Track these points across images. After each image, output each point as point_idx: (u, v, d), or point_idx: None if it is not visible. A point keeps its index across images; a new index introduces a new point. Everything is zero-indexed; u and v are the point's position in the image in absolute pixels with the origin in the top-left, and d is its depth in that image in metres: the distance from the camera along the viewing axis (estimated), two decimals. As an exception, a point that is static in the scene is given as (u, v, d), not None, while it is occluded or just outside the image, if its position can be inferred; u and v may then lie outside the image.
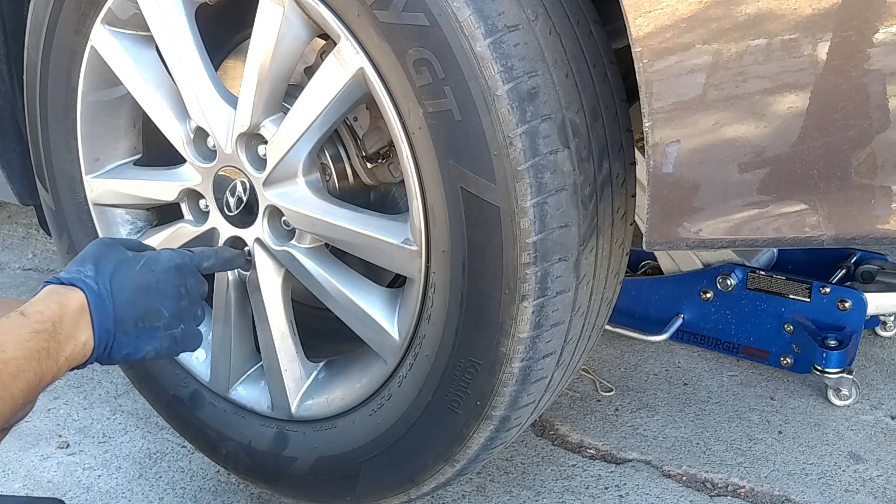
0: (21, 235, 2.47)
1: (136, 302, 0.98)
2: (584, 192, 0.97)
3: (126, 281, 0.98)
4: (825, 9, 0.78)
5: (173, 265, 1.03)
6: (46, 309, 0.92)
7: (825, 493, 1.36)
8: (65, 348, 0.92)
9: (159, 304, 1.00)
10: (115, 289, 0.97)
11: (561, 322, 1.01)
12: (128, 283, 0.98)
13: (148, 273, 1.00)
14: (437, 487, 1.16)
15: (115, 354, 0.97)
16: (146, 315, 0.99)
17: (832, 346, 1.50)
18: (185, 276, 1.04)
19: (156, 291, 1.00)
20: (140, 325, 0.98)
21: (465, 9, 0.88)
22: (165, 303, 1.01)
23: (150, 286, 1.00)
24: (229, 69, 1.34)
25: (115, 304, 0.96)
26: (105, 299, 0.95)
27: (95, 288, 0.95)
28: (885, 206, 0.83)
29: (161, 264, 1.02)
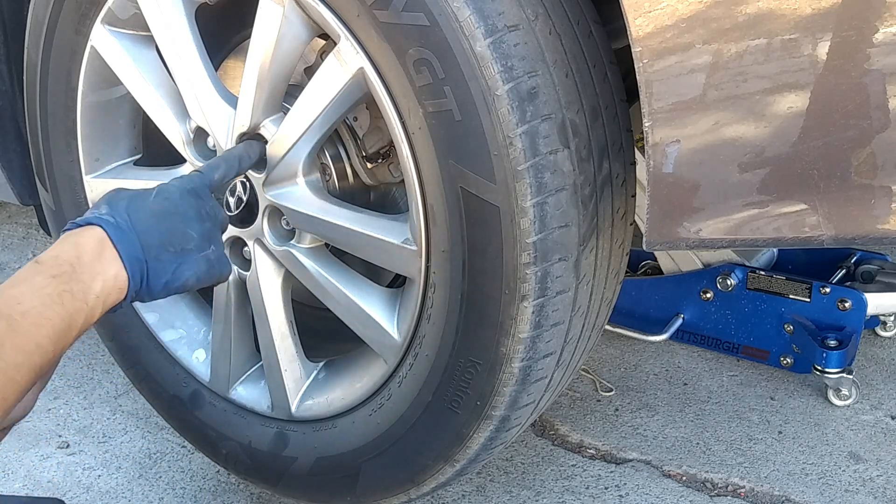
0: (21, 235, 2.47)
1: (158, 227, 0.93)
2: (584, 192, 0.97)
3: (143, 211, 0.94)
4: (825, 9, 0.78)
5: (186, 189, 0.98)
6: (61, 252, 0.88)
7: (825, 493, 1.36)
8: (92, 286, 0.87)
9: (185, 227, 0.96)
10: (133, 219, 0.92)
11: (561, 322, 1.01)
12: (145, 212, 0.94)
13: (163, 200, 0.96)
14: (437, 487, 1.16)
15: (154, 284, 0.93)
16: (174, 238, 0.95)
17: (832, 346, 1.50)
18: (201, 198, 0.99)
19: (177, 215, 0.96)
20: (171, 249, 0.94)
21: (464, 9, 0.88)
22: (190, 224, 0.96)
23: (168, 211, 0.95)
24: (229, 69, 1.34)
25: (137, 231, 0.92)
26: (125, 229, 0.91)
27: (112, 220, 0.91)
28: (885, 206, 0.83)
29: (174, 191, 0.98)
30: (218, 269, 1.00)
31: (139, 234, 0.92)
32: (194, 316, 1.41)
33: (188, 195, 0.98)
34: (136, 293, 0.92)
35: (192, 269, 0.96)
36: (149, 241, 0.92)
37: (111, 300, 0.89)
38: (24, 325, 0.81)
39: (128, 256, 0.90)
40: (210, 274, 0.99)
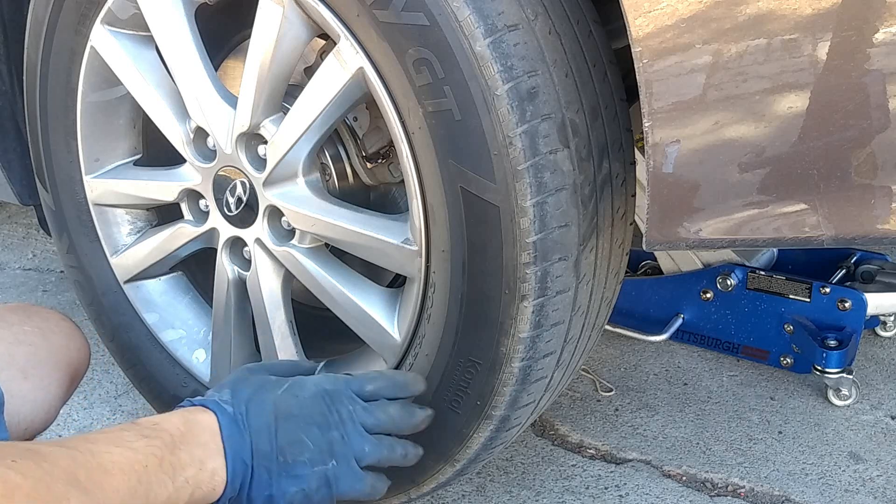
0: (21, 235, 2.47)
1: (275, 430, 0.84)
2: (584, 191, 0.97)
3: (265, 405, 0.85)
4: (825, 9, 0.78)
5: (322, 389, 0.89)
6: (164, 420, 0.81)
7: (825, 493, 1.36)
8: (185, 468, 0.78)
9: (303, 434, 0.86)
10: (251, 413, 0.84)
11: (561, 322, 1.01)
12: (267, 408, 0.85)
13: (291, 398, 0.87)
14: (436, 487, 1.16)
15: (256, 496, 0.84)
16: (288, 447, 0.85)
17: (832, 346, 1.50)
18: (337, 401, 0.89)
19: (299, 419, 0.86)
20: (281, 458, 0.84)
21: (464, 8, 0.88)
22: (310, 432, 0.86)
23: (292, 413, 0.86)
24: (229, 69, 1.34)
25: (251, 430, 0.83)
26: (240, 424, 0.83)
27: (230, 411, 0.83)
28: (885, 206, 0.83)
29: (307, 389, 0.89)
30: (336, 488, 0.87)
31: (253, 434, 0.83)
32: (194, 316, 1.41)
33: (322, 397, 0.88)
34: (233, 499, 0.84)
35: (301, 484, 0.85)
36: (261, 445, 0.84)
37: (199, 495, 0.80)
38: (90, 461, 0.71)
39: (233, 456, 0.82)
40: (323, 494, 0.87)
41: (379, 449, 0.91)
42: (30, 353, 0.96)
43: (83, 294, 1.45)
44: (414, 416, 0.97)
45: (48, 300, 2.08)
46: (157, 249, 1.32)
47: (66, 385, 0.99)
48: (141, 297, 1.40)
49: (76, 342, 1.03)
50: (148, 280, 1.39)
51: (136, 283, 1.39)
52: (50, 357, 0.98)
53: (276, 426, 0.85)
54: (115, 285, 1.40)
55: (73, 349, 1.02)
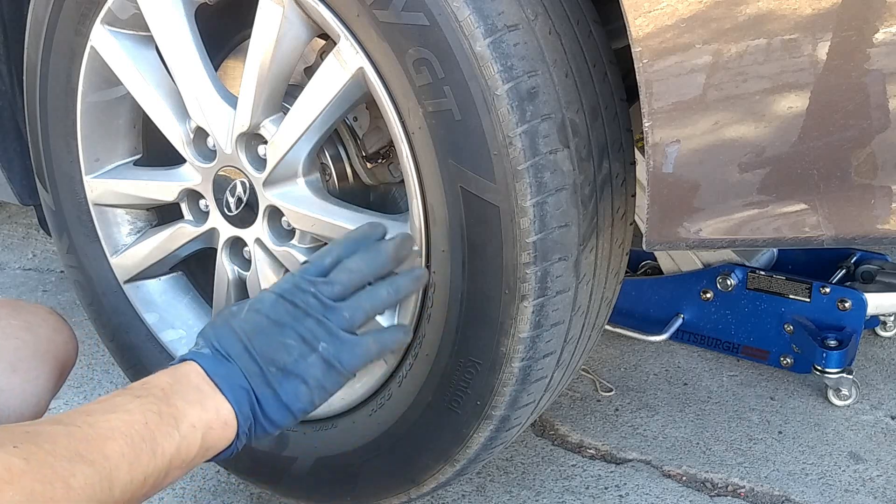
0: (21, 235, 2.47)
1: (254, 347, 0.85)
2: (584, 191, 0.97)
3: (235, 332, 0.86)
4: (825, 9, 0.78)
5: (279, 292, 0.89)
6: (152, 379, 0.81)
7: (825, 493, 1.36)
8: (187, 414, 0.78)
9: (280, 338, 0.86)
10: (225, 344, 0.85)
11: (561, 322, 1.01)
12: (237, 334, 0.86)
13: (254, 315, 0.87)
14: (437, 487, 1.16)
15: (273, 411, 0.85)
16: (274, 356, 0.85)
17: (832, 346, 1.50)
18: (297, 294, 0.89)
19: (270, 328, 0.86)
20: (273, 369, 0.85)
21: (464, 8, 0.88)
22: (285, 333, 0.86)
23: (261, 326, 0.86)
24: (229, 69, 1.34)
25: (233, 358, 0.84)
26: (221, 358, 0.84)
27: (207, 352, 0.84)
28: (885, 206, 0.83)
29: (266, 299, 0.89)
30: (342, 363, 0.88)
31: (237, 360, 0.84)
32: (194, 316, 1.41)
33: (281, 298, 0.88)
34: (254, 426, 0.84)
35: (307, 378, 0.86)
36: (249, 366, 0.84)
37: (214, 436, 0.81)
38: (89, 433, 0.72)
39: (228, 386, 0.82)
40: (335, 373, 0.88)
41: (358, 305, 0.90)
42: (17, 347, 0.96)
43: (83, 294, 1.45)
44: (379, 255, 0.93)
45: (48, 300, 2.08)
46: (157, 249, 1.32)
47: (55, 379, 0.99)
48: (141, 297, 1.40)
49: (63, 336, 1.04)
50: (148, 280, 1.39)
51: (136, 283, 1.39)
52: (38, 351, 0.98)
53: (253, 343, 0.85)
54: (115, 285, 1.40)
55: (60, 343, 1.02)
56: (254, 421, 0.85)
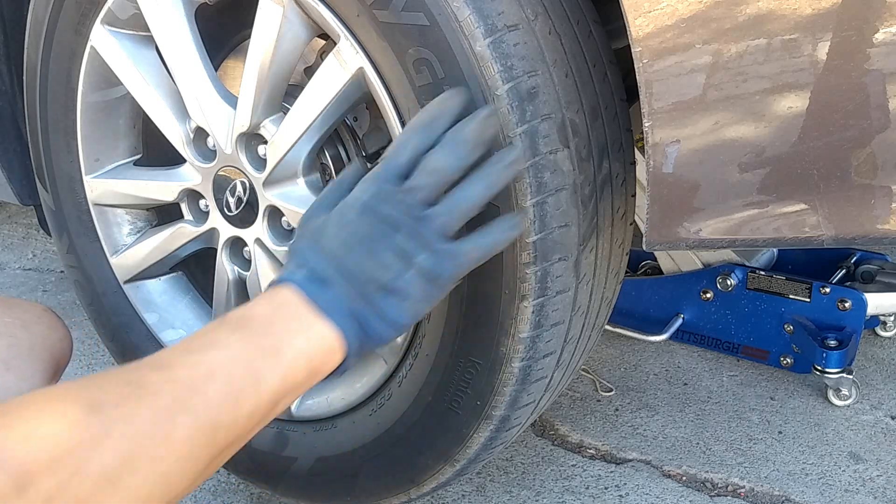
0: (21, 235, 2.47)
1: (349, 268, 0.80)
2: (584, 191, 0.97)
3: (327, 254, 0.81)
4: (825, 9, 0.78)
5: (362, 203, 0.82)
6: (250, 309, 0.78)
7: (825, 493, 1.36)
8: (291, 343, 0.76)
9: (373, 257, 0.80)
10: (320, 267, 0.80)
11: (561, 322, 1.01)
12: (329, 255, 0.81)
13: (341, 233, 0.82)
14: (436, 487, 1.16)
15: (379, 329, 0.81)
16: (371, 274, 0.81)
17: (832, 346, 1.51)
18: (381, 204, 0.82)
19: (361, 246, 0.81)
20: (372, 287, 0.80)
21: (464, 8, 0.88)
22: (378, 250, 0.81)
23: (352, 246, 0.81)
24: (229, 69, 1.34)
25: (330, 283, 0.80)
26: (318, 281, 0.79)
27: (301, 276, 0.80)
28: (885, 206, 0.83)
29: (349, 212, 0.83)
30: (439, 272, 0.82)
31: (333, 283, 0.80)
32: (194, 316, 1.41)
33: (366, 211, 0.82)
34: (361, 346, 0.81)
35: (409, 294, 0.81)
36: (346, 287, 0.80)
37: (320, 361, 0.78)
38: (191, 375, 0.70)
39: (330, 311, 0.79)
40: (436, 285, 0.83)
41: (450, 210, 0.83)
42: (11, 344, 0.95)
43: (83, 294, 1.45)
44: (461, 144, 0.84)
45: (48, 300, 2.08)
46: (157, 249, 1.32)
47: (49, 376, 0.99)
48: (141, 297, 1.40)
49: (58, 333, 1.03)
50: (148, 280, 1.39)
51: (137, 283, 1.39)
52: (32, 348, 0.97)
53: (348, 263, 0.80)
54: (115, 285, 1.40)
55: (55, 340, 1.01)
56: (360, 342, 0.81)
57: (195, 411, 0.69)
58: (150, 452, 0.65)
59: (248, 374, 0.73)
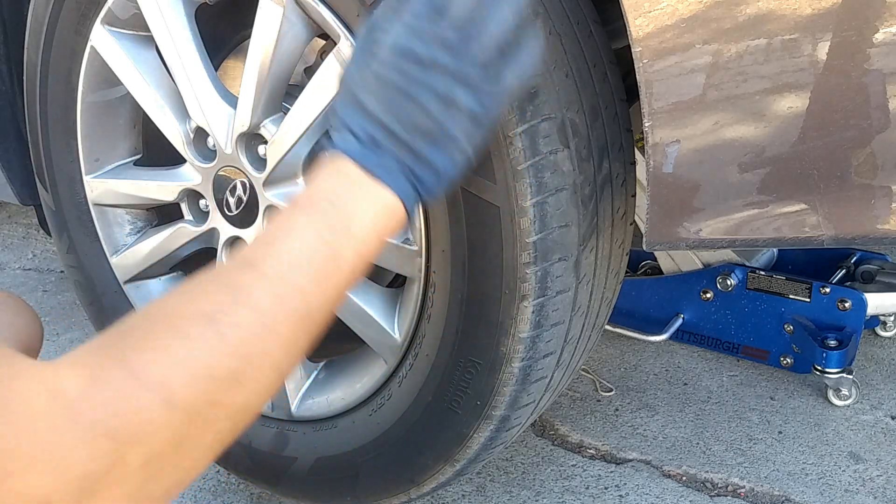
0: (21, 235, 2.47)
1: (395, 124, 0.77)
2: (584, 191, 0.97)
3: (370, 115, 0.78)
4: (825, 9, 0.78)
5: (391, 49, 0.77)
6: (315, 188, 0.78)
7: (825, 493, 1.36)
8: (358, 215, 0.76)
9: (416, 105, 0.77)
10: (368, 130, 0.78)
11: (561, 322, 1.01)
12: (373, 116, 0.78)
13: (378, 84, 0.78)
14: (436, 487, 1.16)
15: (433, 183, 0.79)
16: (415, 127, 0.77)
17: (832, 346, 1.51)
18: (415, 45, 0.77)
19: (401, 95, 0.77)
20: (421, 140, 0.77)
21: (465, 9, 0.88)
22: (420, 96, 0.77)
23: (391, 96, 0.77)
24: (229, 69, 1.34)
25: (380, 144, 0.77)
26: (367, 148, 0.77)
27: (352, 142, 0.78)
28: (885, 206, 0.83)
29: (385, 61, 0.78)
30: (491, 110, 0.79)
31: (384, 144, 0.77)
32: (194, 316, 1.40)
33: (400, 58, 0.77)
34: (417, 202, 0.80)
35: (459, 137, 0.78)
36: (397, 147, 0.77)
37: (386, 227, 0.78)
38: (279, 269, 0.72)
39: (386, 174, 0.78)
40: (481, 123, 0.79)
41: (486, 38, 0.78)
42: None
43: (83, 294, 1.45)
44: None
45: (48, 300, 2.08)
46: (158, 249, 1.32)
47: None
48: (141, 296, 1.40)
49: (25, 318, 1.02)
50: (148, 280, 1.39)
51: (137, 283, 1.39)
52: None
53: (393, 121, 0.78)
54: (115, 285, 1.40)
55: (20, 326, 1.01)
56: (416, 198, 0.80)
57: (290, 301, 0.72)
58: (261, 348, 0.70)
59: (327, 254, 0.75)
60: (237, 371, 0.68)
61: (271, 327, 0.71)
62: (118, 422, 0.61)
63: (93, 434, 0.59)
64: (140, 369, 0.63)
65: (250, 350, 0.69)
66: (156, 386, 0.63)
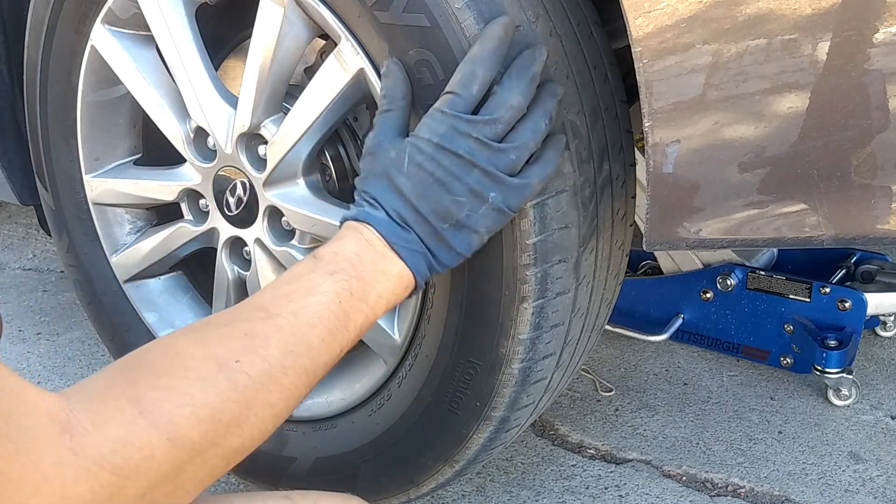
0: (21, 235, 2.47)
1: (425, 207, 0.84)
2: (585, 193, 0.97)
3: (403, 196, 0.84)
4: (825, 9, 0.78)
5: (435, 142, 0.84)
6: (341, 249, 0.83)
7: (825, 493, 1.36)
8: (374, 286, 0.82)
9: (448, 195, 0.84)
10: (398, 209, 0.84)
11: (561, 323, 1.01)
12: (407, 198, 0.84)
13: (418, 172, 0.84)
14: (436, 488, 1.16)
15: (446, 261, 0.87)
16: (446, 213, 0.84)
17: (832, 346, 1.50)
18: (454, 142, 0.84)
19: (436, 185, 0.84)
20: (445, 225, 0.85)
21: (466, 10, 0.88)
22: (454, 188, 0.84)
23: (428, 184, 0.84)
24: (229, 69, 1.34)
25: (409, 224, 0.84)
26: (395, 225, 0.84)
27: (381, 215, 0.85)
28: (885, 206, 0.83)
29: (424, 151, 0.84)
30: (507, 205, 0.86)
31: (411, 225, 0.85)
32: (194, 315, 1.41)
33: (443, 150, 0.84)
34: (428, 276, 0.87)
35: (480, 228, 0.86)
36: (422, 228, 0.85)
37: (396, 298, 0.85)
38: (295, 324, 0.77)
39: (408, 253, 0.85)
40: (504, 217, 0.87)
41: (522, 144, 0.86)
42: None
43: (83, 293, 1.45)
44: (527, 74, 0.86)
45: (48, 300, 2.08)
46: (157, 249, 1.32)
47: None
48: (141, 296, 1.40)
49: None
50: (148, 279, 1.39)
51: (136, 283, 1.39)
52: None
53: (424, 205, 0.85)
54: (114, 284, 1.40)
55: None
56: (428, 274, 0.87)
57: (300, 357, 0.76)
58: (265, 398, 0.73)
59: (340, 316, 0.80)
60: (240, 416, 0.71)
61: (278, 379, 0.74)
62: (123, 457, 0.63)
63: (97, 468, 0.62)
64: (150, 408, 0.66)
65: (256, 398, 0.72)
66: (164, 424, 0.66)
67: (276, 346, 0.75)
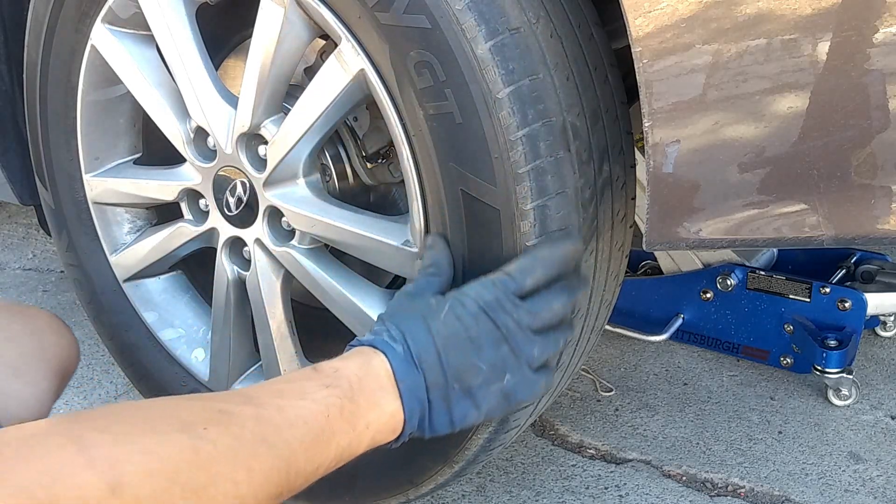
0: (21, 235, 2.47)
1: (447, 359, 0.84)
2: (585, 194, 0.97)
3: (432, 337, 0.84)
4: (825, 9, 0.78)
5: (483, 303, 0.86)
6: (343, 367, 0.82)
7: (825, 493, 1.36)
8: (365, 414, 0.80)
9: (474, 358, 0.84)
10: (419, 347, 0.84)
11: (561, 323, 1.01)
12: (434, 340, 0.84)
13: (454, 322, 0.85)
14: (435, 488, 1.16)
15: (437, 424, 0.85)
16: (462, 374, 0.84)
17: (832, 346, 1.50)
18: (500, 312, 0.86)
19: (467, 343, 0.84)
20: (456, 386, 0.84)
21: (466, 11, 0.88)
22: (482, 353, 0.85)
23: (459, 338, 0.84)
24: (229, 69, 1.34)
25: (423, 367, 0.83)
26: (412, 362, 0.83)
27: (400, 351, 0.83)
28: (885, 206, 0.83)
29: (468, 306, 0.86)
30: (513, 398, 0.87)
31: (425, 369, 0.83)
32: (193, 315, 1.41)
33: (484, 312, 0.86)
34: (416, 431, 0.85)
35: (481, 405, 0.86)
36: (435, 378, 0.84)
37: (381, 437, 0.83)
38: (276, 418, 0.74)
39: (408, 397, 0.83)
40: (503, 408, 0.87)
41: (547, 348, 0.89)
42: (21, 352, 0.96)
43: (82, 292, 1.45)
44: (574, 294, 0.92)
45: (48, 300, 2.08)
46: (157, 248, 1.32)
47: (57, 384, 0.99)
48: (140, 295, 1.40)
49: (65, 340, 1.03)
50: (147, 279, 1.40)
51: (136, 282, 1.39)
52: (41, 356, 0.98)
53: (447, 356, 0.84)
54: (114, 284, 1.40)
55: (63, 347, 1.02)
56: (418, 428, 0.86)
57: (276, 448, 0.73)
58: (230, 475, 0.69)
59: (326, 431, 0.77)
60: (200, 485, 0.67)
61: (246, 461, 0.70)
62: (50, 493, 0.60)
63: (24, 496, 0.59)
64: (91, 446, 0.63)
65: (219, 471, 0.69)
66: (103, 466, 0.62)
67: (251, 431, 0.72)
